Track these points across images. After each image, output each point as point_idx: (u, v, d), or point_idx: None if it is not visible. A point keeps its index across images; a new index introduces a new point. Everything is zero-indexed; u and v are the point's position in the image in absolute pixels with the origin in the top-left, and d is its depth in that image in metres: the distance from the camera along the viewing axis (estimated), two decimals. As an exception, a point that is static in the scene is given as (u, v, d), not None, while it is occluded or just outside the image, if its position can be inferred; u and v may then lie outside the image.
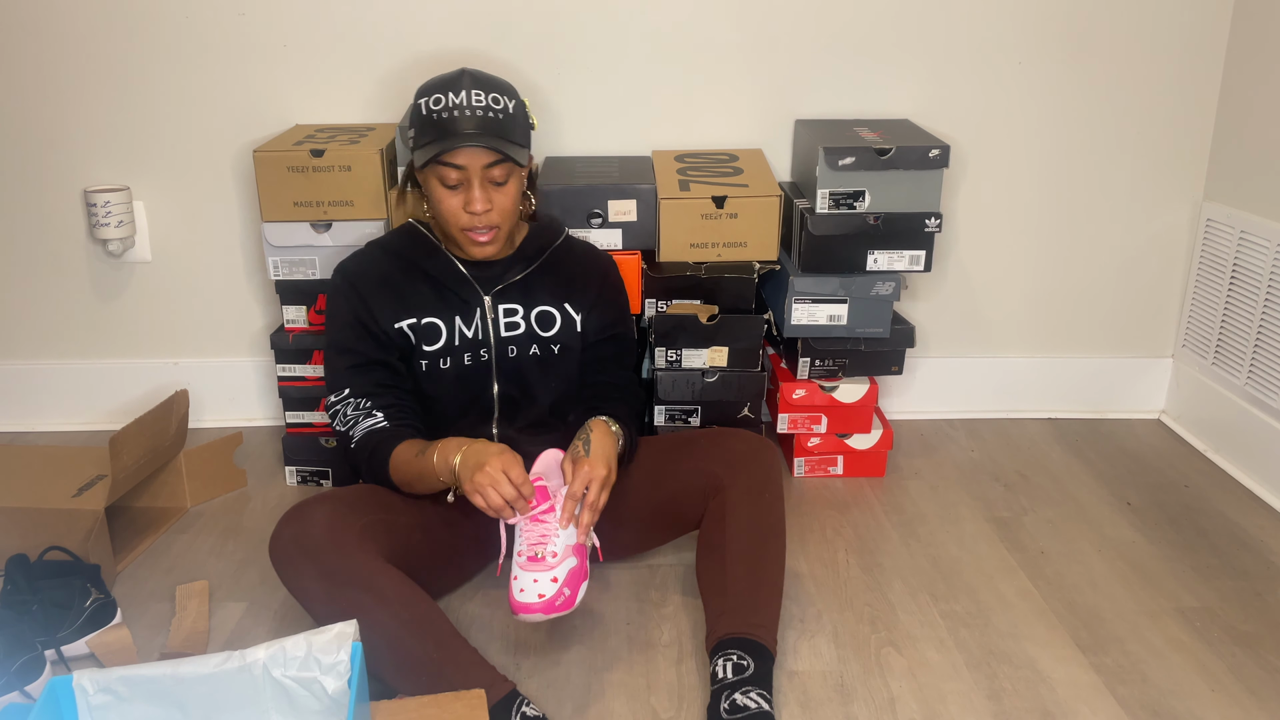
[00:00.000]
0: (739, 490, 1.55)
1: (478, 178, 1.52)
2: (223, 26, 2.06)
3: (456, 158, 1.50)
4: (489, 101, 1.52)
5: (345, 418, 1.58)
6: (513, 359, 1.64)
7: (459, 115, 1.50)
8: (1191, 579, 1.73)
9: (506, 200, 1.55)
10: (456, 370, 1.62)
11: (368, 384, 1.59)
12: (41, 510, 1.68)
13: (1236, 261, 2.08)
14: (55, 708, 1.19)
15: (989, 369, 2.32)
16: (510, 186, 1.56)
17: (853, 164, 1.86)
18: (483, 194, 1.52)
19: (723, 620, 1.45)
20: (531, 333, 1.64)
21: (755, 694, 1.35)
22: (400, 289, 1.61)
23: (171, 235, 2.19)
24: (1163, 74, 2.13)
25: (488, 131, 1.50)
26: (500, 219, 1.55)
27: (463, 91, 1.51)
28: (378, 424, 1.56)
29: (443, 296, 1.62)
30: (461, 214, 1.54)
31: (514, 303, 1.64)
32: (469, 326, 1.62)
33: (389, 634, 1.34)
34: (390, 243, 1.66)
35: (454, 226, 1.56)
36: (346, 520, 1.40)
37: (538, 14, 2.06)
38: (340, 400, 1.59)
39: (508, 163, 1.53)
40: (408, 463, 1.50)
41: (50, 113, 2.11)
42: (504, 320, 1.63)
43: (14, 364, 2.28)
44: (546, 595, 1.38)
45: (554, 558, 1.40)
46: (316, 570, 1.36)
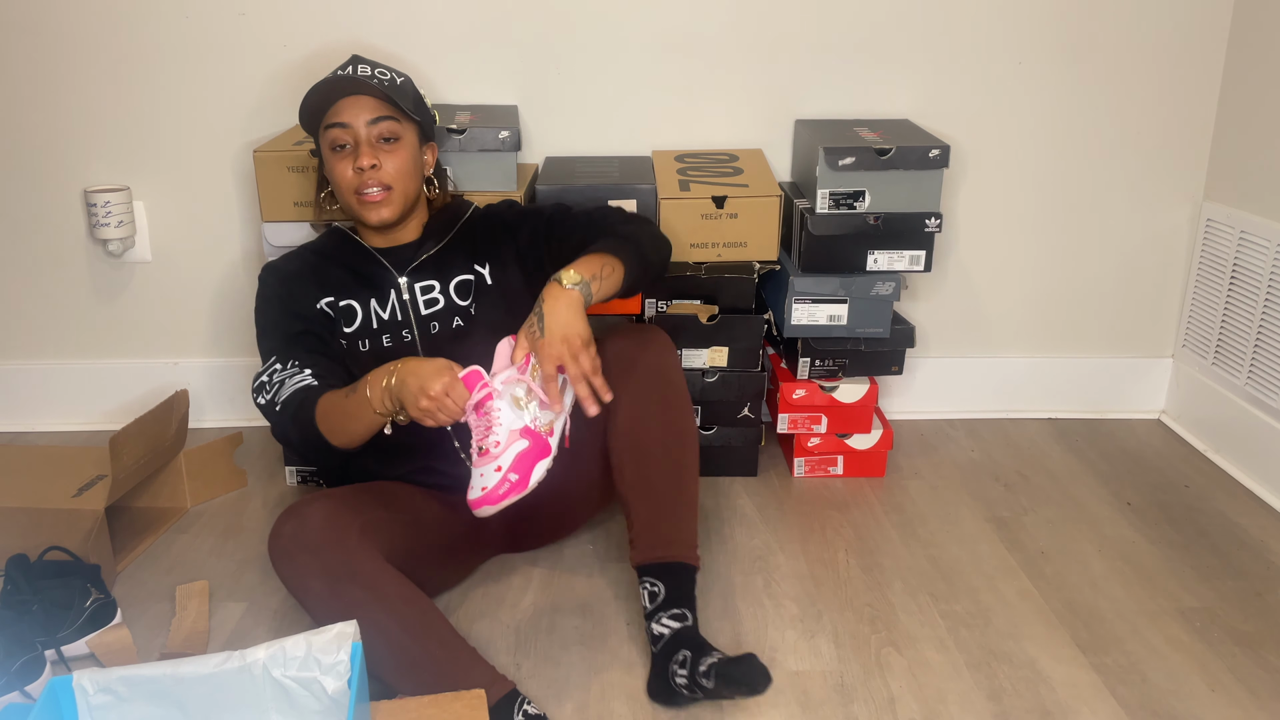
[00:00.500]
0: (624, 401, 1.50)
1: (364, 133, 1.54)
2: (223, 26, 2.06)
3: (340, 114, 1.54)
4: (373, 72, 1.57)
5: (269, 385, 1.53)
6: (434, 335, 1.63)
7: (339, 83, 1.54)
8: (1191, 579, 1.73)
9: (398, 161, 1.56)
10: (375, 351, 1.61)
11: (296, 350, 1.56)
12: (41, 510, 1.68)
13: (1236, 261, 2.08)
14: (55, 708, 1.19)
15: (989, 369, 2.32)
16: (401, 149, 1.57)
17: (853, 164, 1.86)
18: (369, 150, 1.54)
19: (634, 549, 1.50)
20: (451, 305, 1.64)
21: (665, 619, 1.45)
22: (318, 273, 1.63)
23: (171, 235, 2.19)
24: (1163, 74, 2.13)
25: (369, 88, 1.53)
26: (392, 179, 1.56)
27: (349, 66, 1.57)
28: (303, 381, 1.51)
29: (357, 279, 1.63)
30: (351, 174, 1.55)
31: (429, 279, 1.64)
32: (384, 308, 1.62)
33: (389, 633, 1.34)
34: (315, 244, 1.70)
35: (348, 192, 1.56)
36: (345, 518, 1.40)
37: (538, 14, 2.06)
38: (266, 370, 1.55)
39: (393, 121, 1.55)
40: (336, 406, 1.46)
41: (50, 113, 2.11)
42: (422, 299, 1.63)
43: (14, 364, 2.28)
44: (489, 486, 1.36)
45: (497, 446, 1.37)
46: (317, 567, 1.35)
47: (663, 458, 1.52)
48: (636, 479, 1.52)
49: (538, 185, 1.90)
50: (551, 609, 1.65)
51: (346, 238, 1.68)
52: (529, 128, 2.13)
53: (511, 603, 1.66)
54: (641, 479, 1.52)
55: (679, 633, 1.44)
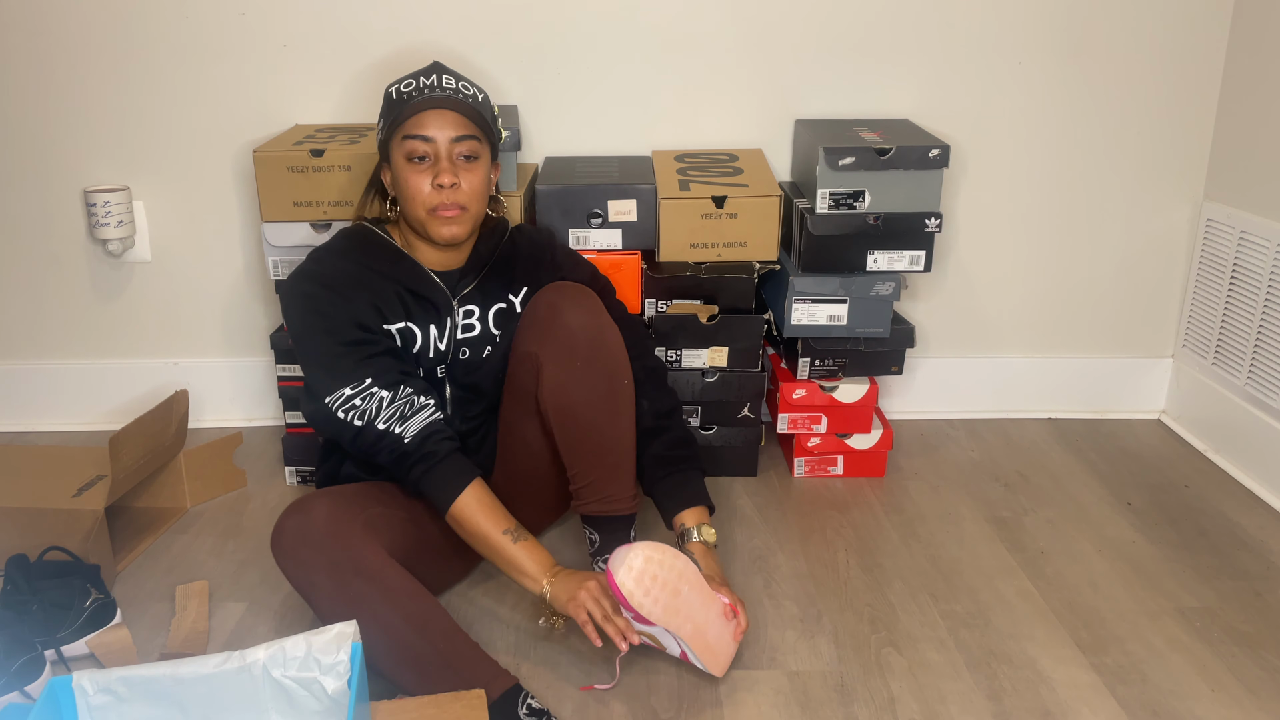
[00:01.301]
0: (547, 364, 1.54)
1: (445, 150, 1.50)
2: (223, 26, 2.06)
3: (425, 126, 1.49)
4: (458, 85, 1.53)
5: (379, 410, 1.45)
6: (464, 360, 1.62)
7: (427, 92, 1.50)
8: (1191, 579, 1.73)
9: (475, 180, 1.53)
10: (428, 380, 1.59)
11: (393, 372, 1.48)
12: (41, 510, 1.68)
13: (1236, 261, 2.08)
14: (55, 708, 1.19)
15: (989, 369, 2.32)
16: (479, 168, 1.53)
17: (853, 164, 1.86)
18: (450, 166, 1.50)
19: (575, 500, 1.61)
20: (486, 333, 1.63)
21: (600, 562, 1.63)
22: (379, 293, 1.53)
23: (171, 235, 2.19)
24: (1163, 74, 2.13)
25: (457, 104, 1.50)
26: (468, 199, 1.52)
27: (434, 75, 1.53)
28: (434, 415, 1.48)
29: (418, 303, 1.56)
30: (429, 190, 1.50)
31: (473, 305, 1.62)
32: (442, 337, 1.58)
33: (394, 627, 1.34)
34: (347, 248, 1.56)
35: (422, 206, 1.51)
36: (349, 513, 1.40)
37: (539, 13, 2.06)
38: (360, 390, 1.46)
39: (476, 140, 1.52)
40: (490, 531, 1.46)
41: (50, 113, 2.11)
42: (462, 323, 1.61)
43: (14, 364, 2.28)
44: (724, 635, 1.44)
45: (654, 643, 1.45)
46: (322, 561, 1.35)
47: (589, 419, 1.55)
48: (566, 441, 1.57)
49: (538, 185, 1.90)
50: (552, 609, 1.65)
51: (383, 243, 1.57)
52: (529, 128, 2.13)
53: (512, 603, 1.67)
54: (571, 441, 1.56)
55: None
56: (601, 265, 1.89)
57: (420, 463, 1.46)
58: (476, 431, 1.68)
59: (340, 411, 1.46)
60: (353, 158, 1.86)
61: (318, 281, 1.51)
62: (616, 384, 1.56)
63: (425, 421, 1.47)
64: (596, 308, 1.57)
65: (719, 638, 1.44)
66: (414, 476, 1.47)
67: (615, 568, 1.36)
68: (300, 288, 1.51)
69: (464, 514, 1.46)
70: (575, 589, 1.43)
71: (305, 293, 1.51)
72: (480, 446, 1.69)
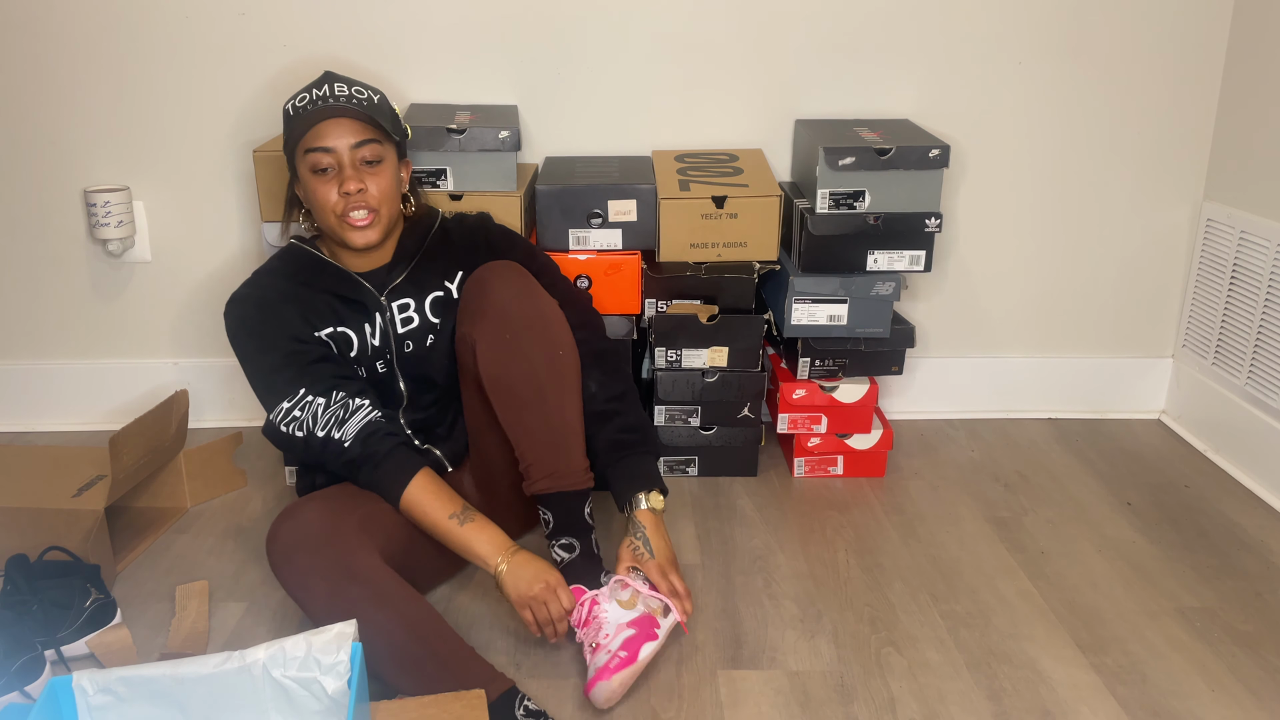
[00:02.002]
0: (480, 345, 1.52)
1: (347, 157, 1.53)
2: (223, 26, 2.06)
3: (324, 138, 1.51)
4: (352, 91, 1.55)
5: (315, 419, 1.48)
6: (409, 353, 1.63)
7: (321, 104, 1.52)
8: (1191, 579, 1.73)
9: (382, 183, 1.55)
10: (371, 378, 1.62)
11: (326, 378, 1.51)
12: (41, 510, 1.68)
13: (1236, 261, 2.08)
14: (55, 708, 1.19)
15: (989, 369, 2.32)
16: (384, 170, 1.56)
17: (853, 164, 1.86)
18: (354, 173, 1.53)
19: (525, 481, 1.55)
20: (426, 323, 1.64)
21: (558, 548, 1.57)
22: (306, 304, 1.57)
23: (171, 235, 2.19)
24: (1163, 74, 2.13)
25: (351, 109, 1.52)
26: (378, 202, 1.55)
27: (325, 85, 1.55)
28: (370, 415, 1.50)
29: (347, 306, 1.60)
30: (336, 198, 1.53)
31: (406, 298, 1.63)
32: (374, 334, 1.61)
33: (390, 631, 1.34)
34: (277, 268, 1.62)
35: (331, 215, 1.54)
36: (341, 516, 1.41)
37: (539, 14, 2.06)
38: (296, 402, 1.49)
39: (376, 144, 1.54)
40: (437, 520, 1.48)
41: (50, 113, 2.11)
42: (399, 318, 1.63)
43: (14, 364, 2.28)
44: (599, 665, 1.42)
45: (605, 639, 1.45)
46: (318, 566, 1.36)
47: (527, 396, 1.52)
48: (508, 420, 1.54)
49: (538, 185, 1.90)
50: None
51: (320, 263, 1.62)
52: (529, 128, 2.13)
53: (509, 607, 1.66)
54: (512, 419, 1.54)
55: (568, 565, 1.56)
56: (601, 265, 1.90)
57: (365, 464, 1.49)
58: (442, 421, 1.69)
59: (284, 426, 1.50)
60: (353, 158, 1.86)
61: (249, 303, 1.57)
62: (553, 355, 1.53)
63: (362, 422, 1.50)
64: (525, 281, 1.56)
65: None
66: (363, 479, 1.50)
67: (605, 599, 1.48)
68: (235, 312, 1.57)
69: (412, 505, 1.48)
70: (532, 583, 1.45)
71: (239, 316, 1.57)
72: (450, 434, 1.69)
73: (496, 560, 1.46)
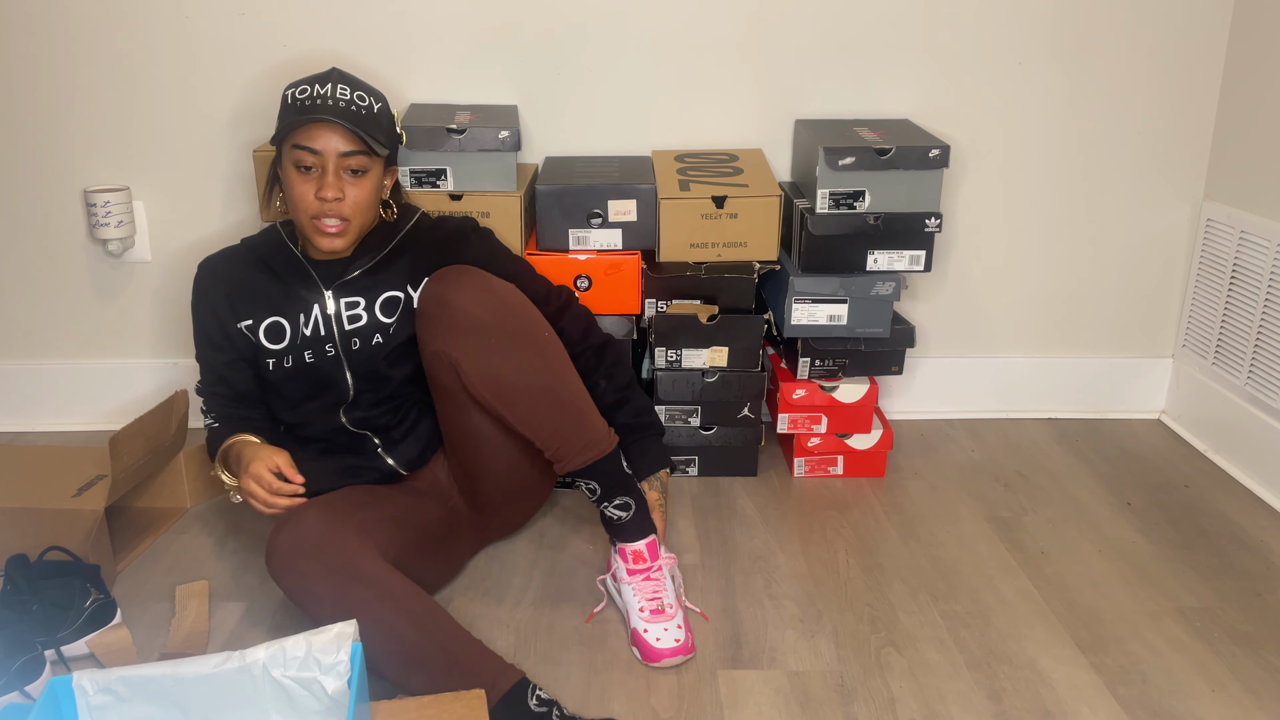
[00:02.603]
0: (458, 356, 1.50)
1: (333, 163, 1.52)
2: (223, 26, 2.06)
3: (313, 140, 1.51)
4: (354, 96, 1.54)
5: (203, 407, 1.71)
6: (357, 350, 1.62)
7: (320, 102, 1.52)
8: (1191, 579, 1.73)
9: (361, 194, 1.55)
10: (299, 367, 1.62)
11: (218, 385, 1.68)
12: (41, 510, 1.68)
13: (1236, 261, 2.08)
14: (55, 708, 1.19)
15: (989, 369, 2.32)
16: (367, 182, 1.56)
17: (853, 164, 1.86)
18: (335, 180, 1.52)
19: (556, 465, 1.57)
20: (375, 322, 1.63)
21: (610, 508, 1.58)
22: (244, 288, 1.64)
23: (171, 235, 2.19)
24: (1163, 74, 2.13)
25: (348, 119, 1.51)
26: (352, 212, 1.55)
27: (328, 84, 1.54)
28: (211, 425, 1.68)
29: (285, 294, 1.63)
30: (312, 200, 1.53)
31: (356, 295, 1.62)
32: (308, 325, 1.62)
33: (397, 630, 1.34)
34: (254, 242, 1.69)
35: (304, 214, 1.55)
36: (340, 520, 1.41)
37: (539, 14, 2.06)
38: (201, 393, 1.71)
39: (364, 156, 1.54)
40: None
41: (50, 113, 2.11)
42: (346, 314, 1.62)
43: (14, 364, 2.28)
44: (681, 640, 1.50)
45: (671, 609, 1.54)
46: (320, 570, 1.36)
47: (529, 387, 1.51)
48: (520, 416, 1.53)
49: (538, 185, 1.90)
50: (551, 609, 1.65)
51: (283, 244, 1.66)
52: (529, 128, 2.13)
53: (512, 602, 1.67)
54: (525, 413, 1.53)
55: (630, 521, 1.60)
56: (601, 265, 1.90)
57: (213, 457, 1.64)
58: (400, 424, 1.67)
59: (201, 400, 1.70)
60: (353, 158, 1.86)
61: (198, 278, 1.68)
62: (538, 339, 1.54)
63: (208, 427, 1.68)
64: (482, 280, 1.54)
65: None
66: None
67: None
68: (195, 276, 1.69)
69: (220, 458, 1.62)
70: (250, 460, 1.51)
71: (193, 282, 1.69)
72: (407, 436, 1.68)
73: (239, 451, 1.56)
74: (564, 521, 1.90)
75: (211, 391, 1.68)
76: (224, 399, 1.68)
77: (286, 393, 1.65)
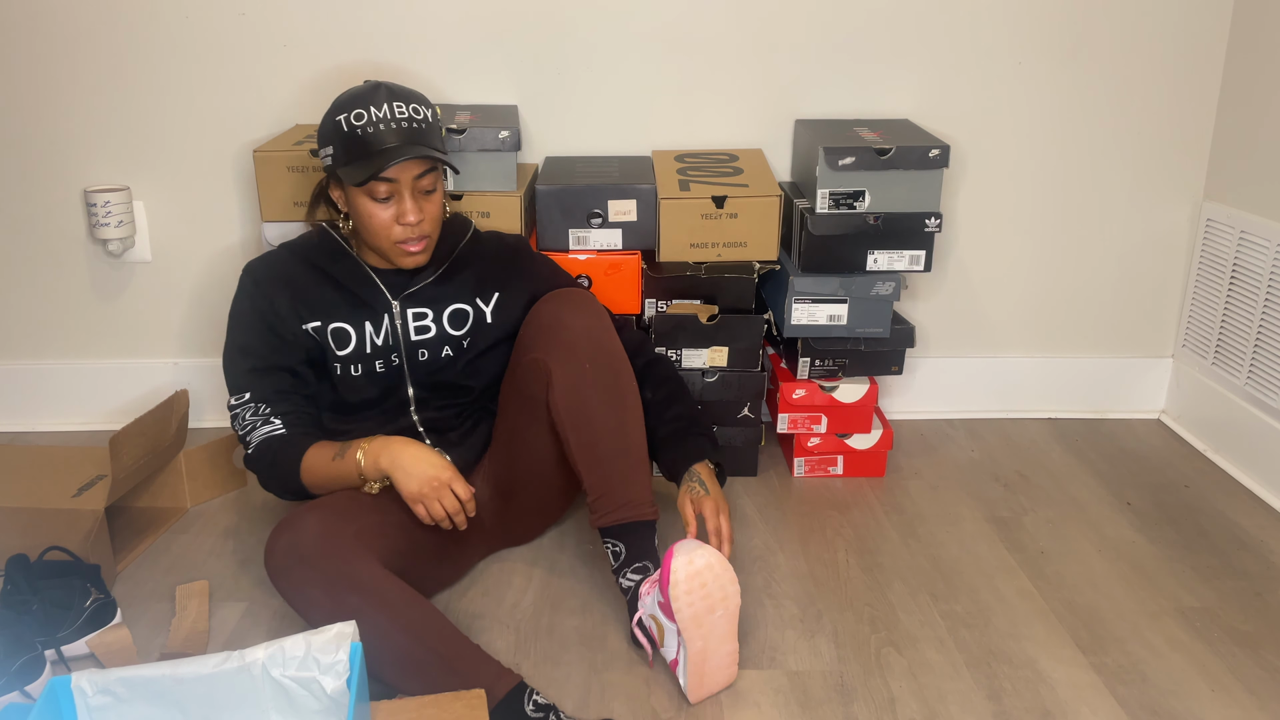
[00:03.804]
0: (557, 371, 1.54)
1: (409, 189, 1.52)
2: (223, 26, 2.06)
3: (388, 172, 1.50)
4: (410, 112, 1.52)
5: (244, 422, 1.57)
6: (424, 361, 1.64)
7: (384, 129, 1.49)
8: (1191, 579, 1.73)
9: (435, 208, 1.57)
10: (368, 376, 1.63)
11: (267, 389, 1.58)
12: (41, 510, 1.68)
13: (1236, 261, 2.08)
14: (55, 708, 1.19)
15: (989, 369, 2.32)
16: (438, 195, 1.57)
17: (853, 164, 1.86)
18: (414, 205, 1.52)
19: (593, 514, 1.55)
20: (443, 334, 1.65)
21: (629, 573, 1.54)
22: (307, 291, 1.60)
23: (171, 235, 2.19)
24: (1163, 74, 2.13)
25: (415, 141, 1.51)
26: (431, 228, 1.57)
27: (383, 105, 1.51)
28: (275, 430, 1.56)
29: (351, 302, 1.62)
30: (394, 227, 1.53)
31: (423, 307, 1.64)
32: (378, 333, 1.62)
33: (392, 637, 1.34)
34: (300, 246, 1.65)
35: (386, 240, 1.55)
36: (339, 526, 1.41)
37: (539, 14, 2.06)
38: (240, 404, 1.58)
39: (435, 172, 1.55)
40: (324, 467, 1.52)
41: (50, 113, 2.11)
42: (414, 325, 1.63)
43: (14, 364, 2.28)
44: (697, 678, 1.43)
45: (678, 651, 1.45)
46: (316, 577, 1.36)
47: (603, 423, 1.54)
48: (581, 447, 1.54)
49: (538, 185, 1.90)
50: (551, 609, 1.65)
51: (342, 251, 1.63)
52: (529, 128, 2.13)
53: (511, 603, 1.67)
54: (586, 446, 1.54)
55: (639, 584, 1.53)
56: (601, 265, 1.90)
57: (262, 471, 1.56)
58: (458, 427, 1.69)
59: (230, 409, 1.59)
60: (353, 158, 1.86)
61: (252, 276, 1.61)
62: (624, 384, 1.57)
63: (264, 437, 1.56)
64: (598, 312, 1.60)
65: (715, 669, 1.43)
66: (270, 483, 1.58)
67: (678, 553, 1.38)
68: (243, 278, 1.62)
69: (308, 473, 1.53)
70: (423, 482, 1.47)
71: (243, 283, 1.62)
72: (464, 441, 1.70)
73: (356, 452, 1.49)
74: (564, 521, 1.90)
75: (279, 391, 1.58)
76: (302, 398, 1.61)
77: (349, 398, 1.64)
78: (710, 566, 1.38)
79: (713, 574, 1.38)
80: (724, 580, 1.39)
